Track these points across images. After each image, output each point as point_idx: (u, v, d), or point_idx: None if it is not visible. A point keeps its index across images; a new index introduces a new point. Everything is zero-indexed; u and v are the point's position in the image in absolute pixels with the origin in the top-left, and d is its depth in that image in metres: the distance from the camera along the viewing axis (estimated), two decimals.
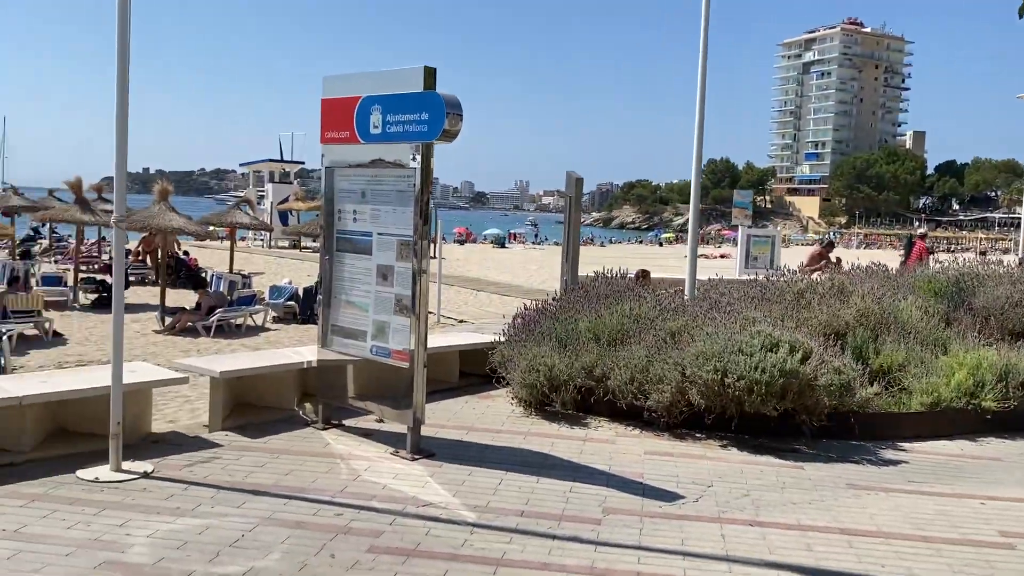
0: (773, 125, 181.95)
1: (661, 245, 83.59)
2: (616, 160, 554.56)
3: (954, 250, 64.94)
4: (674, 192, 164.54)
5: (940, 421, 7.85)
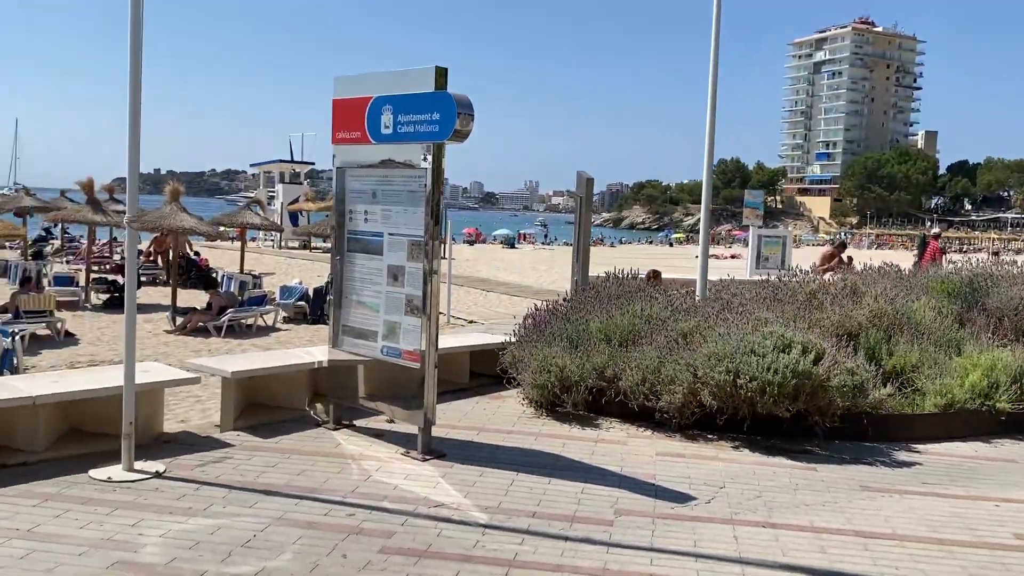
0: (784, 125, 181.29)
1: (671, 245, 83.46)
2: (626, 160, 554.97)
3: (966, 250, 64.64)
4: (684, 192, 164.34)
5: (954, 422, 7.80)
